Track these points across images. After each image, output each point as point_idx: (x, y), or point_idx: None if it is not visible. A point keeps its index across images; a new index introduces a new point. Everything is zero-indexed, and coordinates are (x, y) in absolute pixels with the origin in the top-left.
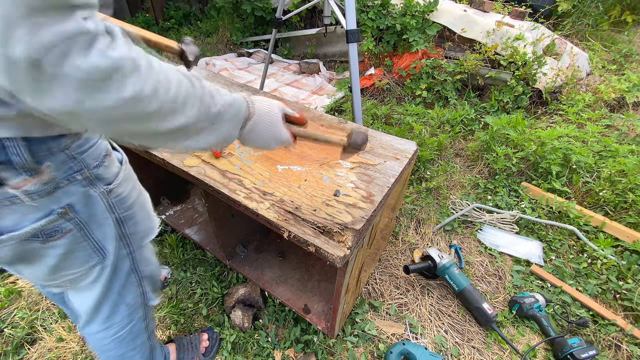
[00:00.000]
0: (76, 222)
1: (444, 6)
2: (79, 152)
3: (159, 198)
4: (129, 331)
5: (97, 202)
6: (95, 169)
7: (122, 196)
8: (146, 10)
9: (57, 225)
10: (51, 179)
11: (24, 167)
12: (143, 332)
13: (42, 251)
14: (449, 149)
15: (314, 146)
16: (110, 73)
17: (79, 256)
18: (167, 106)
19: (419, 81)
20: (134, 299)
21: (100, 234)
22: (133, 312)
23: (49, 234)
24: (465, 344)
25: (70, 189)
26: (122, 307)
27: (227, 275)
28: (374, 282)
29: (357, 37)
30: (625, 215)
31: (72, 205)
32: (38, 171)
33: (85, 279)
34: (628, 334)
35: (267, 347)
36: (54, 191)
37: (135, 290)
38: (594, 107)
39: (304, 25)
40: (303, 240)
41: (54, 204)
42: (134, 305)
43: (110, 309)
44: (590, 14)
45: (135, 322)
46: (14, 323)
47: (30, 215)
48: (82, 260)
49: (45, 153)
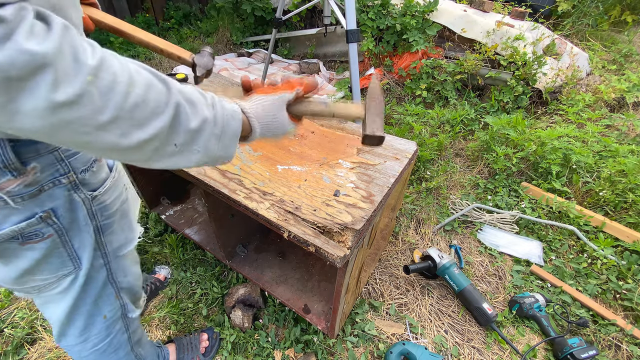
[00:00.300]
0: (57, 228)
1: (444, 6)
2: (67, 154)
3: (159, 198)
4: (109, 344)
5: (80, 207)
6: (82, 174)
7: (105, 204)
8: (146, 10)
9: (37, 229)
10: (35, 181)
11: (7, 167)
12: (125, 344)
13: (19, 252)
14: (449, 149)
15: (314, 146)
16: (34, 70)
17: (53, 262)
18: (126, 114)
19: (419, 81)
20: (111, 311)
21: (77, 242)
22: (111, 325)
23: (28, 236)
24: (465, 344)
25: (55, 192)
26: (99, 319)
27: (227, 275)
28: (374, 282)
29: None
30: (625, 215)
31: (55, 209)
32: (23, 172)
33: (55, 288)
34: (628, 334)
35: (267, 347)
36: (38, 194)
37: (113, 302)
38: (594, 107)
39: (304, 25)
40: (303, 240)
41: (37, 207)
42: (112, 318)
43: (85, 321)
44: (590, 14)
45: (114, 334)
46: (14, 323)
47: (12, 217)
48: (55, 267)
49: (33, 154)
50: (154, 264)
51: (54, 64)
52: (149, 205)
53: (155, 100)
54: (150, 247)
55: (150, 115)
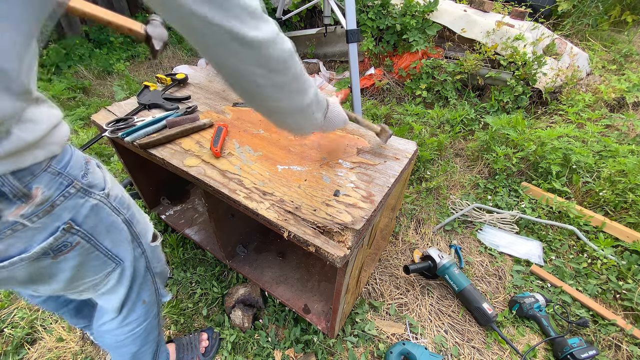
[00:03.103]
0: (82, 234)
1: (444, 6)
2: (61, 167)
3: (159, 198)
4: (145, 328)
5: (101, 208)
6: (84, 178)
7: (120, 197)
8: (146, 10)
9: (64, 240)
10: (45, 199)
11: (15, 195)
12: (156, 328)
13: (54, 267)
14: (449, 149)
15: (314, 146)
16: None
17: (93, 265)
18: (303, 77)
19: (419, 81)
20: (149, 296)
21: (109, 242)
22: (149, 309)
23: (58, 249)
24: (465, 344)
25: (69, 204)
26: (139, 305)
27: (227, 275)
28: (374, 282)
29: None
30: (625, 215)
31: (74, 219)
32: (30, 196)
33: (107, 284)
34: (628, 334)
35: (267, 347)
36: (51, 209)
37: (150, 287)
38: (594, 107)
39: (304, 25)
40: (303, 240)
41: (57, 222)
42: (150, 303)
43: (129, 308)
44: (590, 14)
45: (150, 319)
46: (14, 323)
47: (37, 237)
48: (98, 268)
49: (30, 177)
50: None
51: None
52: (149, 205)
53: (304, 73)
54: None
55: (306, 83)
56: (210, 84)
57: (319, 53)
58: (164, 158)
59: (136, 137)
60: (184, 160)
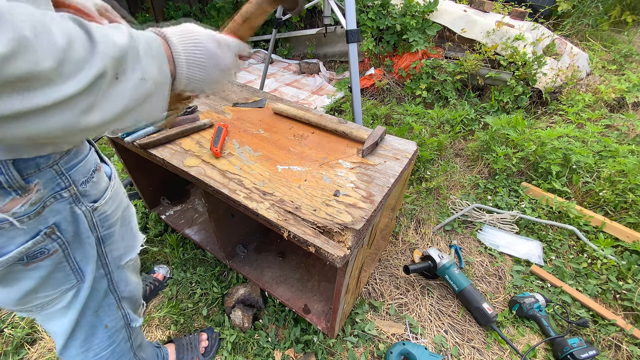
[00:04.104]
0: (61, 242)
1: (444, 6)
2: (67, 167)
3: (159, 198)
4: (112, 352)
5: (81, 220)
6: (83, 185)
7: (106, 214)
8: (146, 10)
9: (43, 246)
10: (39, 199)
11: (11, 186)
12: (127, 351)
13: (22, 274)
14: (449, 149)
15: (314, 146)
16: None
17: (57, 277)
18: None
19: (419, 81)
20: (113, 321)
21: (80, 255)
22: (114, 334)
23: (33, 255)
24: (465, 344)
25: (56, 207)
26: (101, 329)
27: (227, 275)
28: (374, 282)
29: (357, 37)
30: (625, 215)
31: (58, 224)
32: (26, 190)
33: (57, 304)
34: (628, 334)
35: (267, 347)
36: (41, 211)
37: (115, 312)
38: (593, 107)
39: (304, 25)
40: (303, 240)
41: (41, 225)
42: (115, 328)
43: (86, 332)
44: (590, 14)
45: (117, 343)
46: (14, 323)
47: (17, 239)
48: (59, 282)
49: (34, 170)
50: (153, 263)
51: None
52: (149, 205)
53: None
54: (150, 247)
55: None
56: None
57: (319, 53)
58: (164, 158)
59: (136, 137)
60: (184, 161)
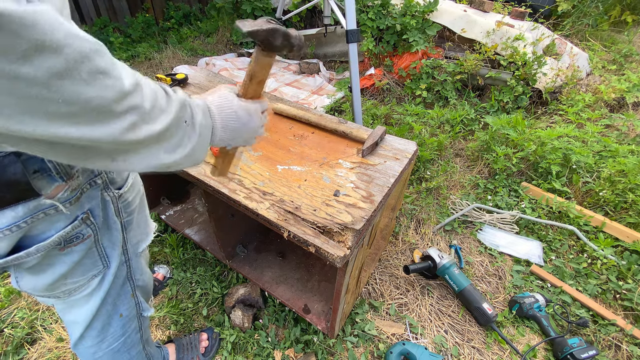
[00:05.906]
0: (94, 227)
1: (444, 6)
2: None
3: (159, 198)
4: (123, 343)
5: (109, 206)
6: (111, 173)
7: (128, 201)
8: (146, 10)
9: (79, 231)
10: (78, 185)
11: (58, 172)
12: (137, 343)
13: (57, 258)
14: (449, 149)
15: (314, 146)
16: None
17: (86, 264)
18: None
19: (419, 81)
20: (127, 309)
21: (107, 241)
22: (127, 323)
23: (70, 240)
24: (465, 344)
25: (91, 194)
26: (116, 318)
27: (227, 275)
28: (374, 282)
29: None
30: (625, 215)
31: (92, 210)
32: (71, 175)
33: (83, 291)
34: (628, 334)
35: (267, 347)
36: (80, 197)
37: (130, 300)
38: (593, 107)
39: (304, 25)
40: (303, 240)
41: (78, 210)
42: (128, 317)
43: (103, 321)
44: (590, 14)
45: (129, 333)
46: (14, 323)
47: (58, 224)
48: (87, 268)
49: None
50: (153, 263)
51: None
52: (149, 205)
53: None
54: (150, 247)
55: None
56: (210, 84)
57: (319, 53)
58: None
59: None
60: None
